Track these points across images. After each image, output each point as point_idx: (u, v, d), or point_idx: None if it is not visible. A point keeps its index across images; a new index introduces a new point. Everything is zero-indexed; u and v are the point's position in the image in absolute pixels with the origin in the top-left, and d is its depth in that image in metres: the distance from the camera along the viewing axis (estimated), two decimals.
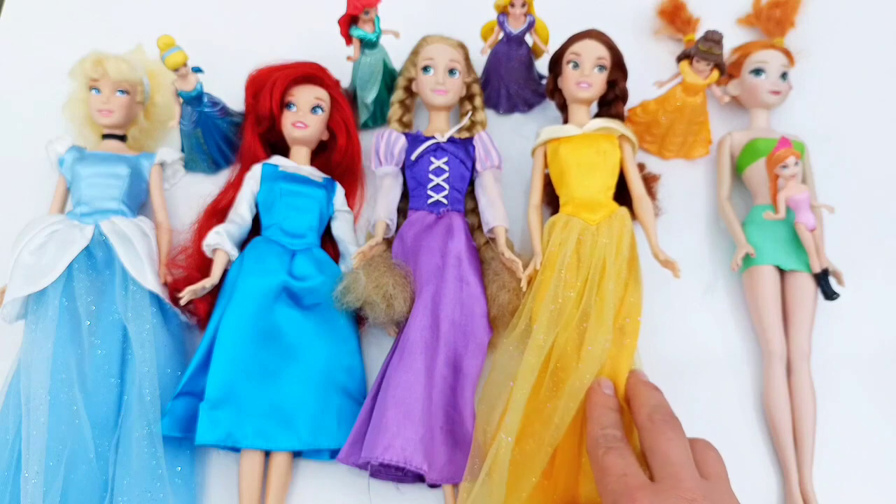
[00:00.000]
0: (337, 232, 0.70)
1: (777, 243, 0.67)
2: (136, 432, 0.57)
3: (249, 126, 0.71)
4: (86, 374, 0.59)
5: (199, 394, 0.59)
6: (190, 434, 0.58)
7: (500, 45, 0.74)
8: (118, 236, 0.64)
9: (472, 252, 0.66)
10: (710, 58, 0.68)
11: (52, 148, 0.69)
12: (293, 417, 0.59)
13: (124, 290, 0.63)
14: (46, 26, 0.87)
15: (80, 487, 0.56)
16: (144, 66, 0.72)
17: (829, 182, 0.73)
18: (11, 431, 0.58)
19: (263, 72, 0.70)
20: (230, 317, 0.60)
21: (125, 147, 0.72)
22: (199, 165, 0.75)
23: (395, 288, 0.61)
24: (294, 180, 0.68)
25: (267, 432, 0.58)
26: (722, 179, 0.74)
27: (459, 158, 0.69)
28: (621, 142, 0.69)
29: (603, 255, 0.62)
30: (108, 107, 0.69)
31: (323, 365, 0.61)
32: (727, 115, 0.80)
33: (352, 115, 0.73)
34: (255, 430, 0.58)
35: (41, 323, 0.60)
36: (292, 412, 0.59)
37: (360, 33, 0.69)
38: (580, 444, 0.58)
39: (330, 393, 0.60)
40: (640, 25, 0.86)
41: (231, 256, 0.64)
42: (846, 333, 0.69)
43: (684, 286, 0.66)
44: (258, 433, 0.58)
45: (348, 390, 0.62)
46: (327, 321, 0.63)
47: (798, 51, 0.80)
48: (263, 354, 0.60)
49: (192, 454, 0.61)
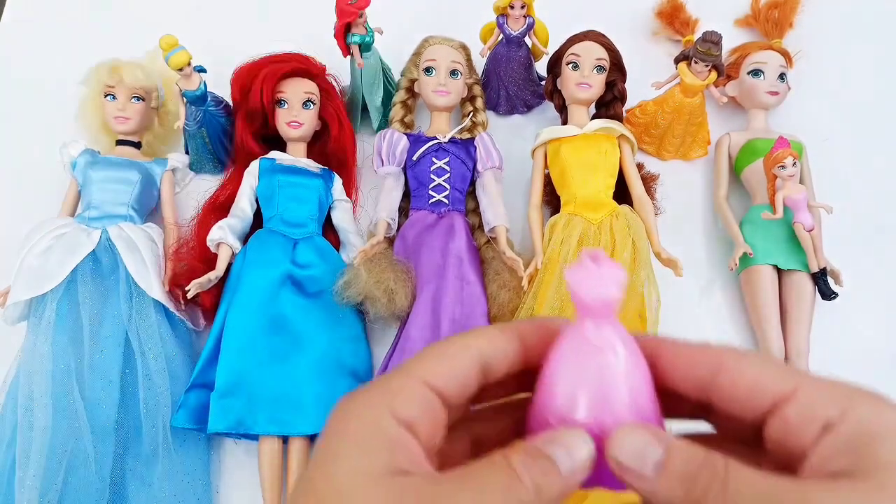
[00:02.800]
0: (337, 220, 0.71)
1: (775, 243, 0.68)
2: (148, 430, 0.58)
3: (241, 123, 0.71)
4: (86, 377, 0.60)
5: (211, 385, 0.60)
6: (203, 425, 0.59)
7: (500, 46, 0.74)
8: (125, 243, 0.65)
9: (472, 251, 0.66)
10: (708, 59, 0.68)
11: (66, 151, 0.70)
12: (304, 402, 0.60)
13: (128, 297, 0.63)
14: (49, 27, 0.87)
15: (78, 490, 0.56)
16: (159, 72, 0.73)
17: (827, 182, 0.74)
18: (9, 433, 0.59)
19: (248, 67, 0.70)
20: (237, 307, 0.61)
21: (138, 153, 0.73)
22: (205, 166, 0.75)
23: (397, 283, 0.62)
24: (292, 172, 0.69)
25: (279, 418, 0.59)
26: (720, 180, 0.74)
27: (461, 159, 0.70)
28: (620, 142, 0.69)
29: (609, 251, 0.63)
30: (125, 114, 0.70)
31: (330, 349, 0.62)
32: (725, 116, 0.80)
33: (343, 105, 0.74)
34: (266, 416, 0.59)
35: (43, 326, 0.61)
36: (302, 397, 0.60)
37: (359, 38, 0.69)
38: None
39: (338, 376, 0.62)
40: (639, 26, 0.87)
41: (234, 249, 0.65)
42: (844, 333, 0.69)
43: (682, 286, 0.67)
44: (270, 419, 0.59)
45: (356, 372, 0.63)
46: (332, 307, 0.64)
47: (796, 52, 0.81)
48: (271, 342, 0.61)
49: (207, 446, 0.62)
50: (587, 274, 0.23)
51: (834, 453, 0.21)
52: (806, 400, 0.22)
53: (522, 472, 0.22)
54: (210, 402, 0.58)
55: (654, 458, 0.22)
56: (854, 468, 0.21)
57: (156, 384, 0.60)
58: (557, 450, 0.23)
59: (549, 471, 0.22)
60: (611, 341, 0.24)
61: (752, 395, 0.23)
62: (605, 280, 0.23)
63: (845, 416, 0.22)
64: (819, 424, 0.22)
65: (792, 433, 0.22)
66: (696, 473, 0.22)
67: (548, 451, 0.23)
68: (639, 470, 0.22)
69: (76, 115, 0.73)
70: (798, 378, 0.23)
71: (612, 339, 0.24)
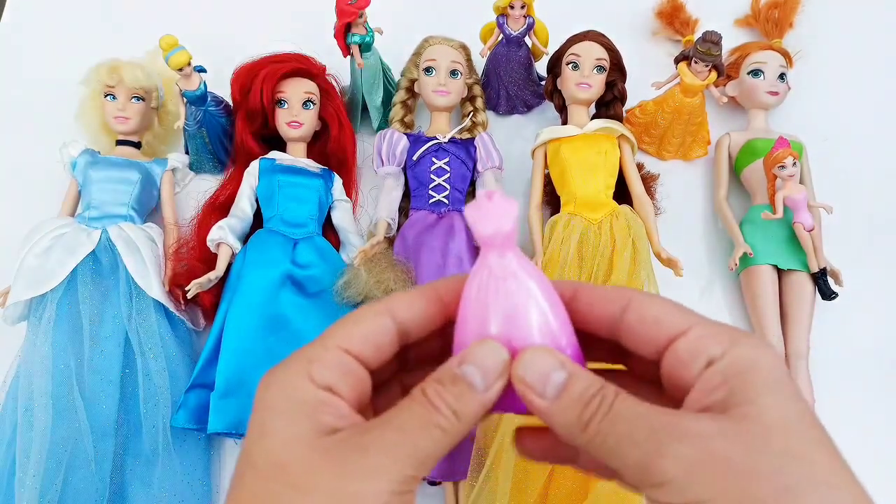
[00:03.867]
0: (337, 220, 0.71)
1: (775, 243, 0.68)
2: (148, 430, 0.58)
3: (240, 122, 0.71)
4: (86, 377, 0.60)
5: (211, 385, 0.60)
6: (203, 425, 0.59)
7: (500, 46, 0.74)
8: (125, 243, 0.65)
9: (472, 251, 0.66)
10: (708, 59, 0.68)
11: (66, 151, 0.70)
12: None
13: (128, 297, 0.63)
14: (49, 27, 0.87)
15: (78, 490, 0.57)
16: (158, 72, 0.73)
17: (827, 182, 0.74)
18: (9, 433, 0.59)
19: (248, 67, 0.70)
20: (237, 307, 0.61)
21: (139, 153, 0.73)
22: (206, 166, 0.75)
23: (397, 283, 0.62)
24: (291, 172, 0.69)
25: None
26: (720, 179, 0.74)
27: (461, 159, 0.70)
28: (620, 142, 0.69)
29: (609, 251, 0.63)
30: (125, 114, 0.70)
31: None
32: (725, 116, 0.80)
33: (342, 105, 0.74)
34: None
35: (43, 326, 0.61)
36: None
37: (359, 38, 0.69)
38: None
39: None
40: (639, 27, 0.87)
41: (234, 249, 0.65)
42: (844, 333, 0.69)
43: (682, 286, 0.67)
44: None
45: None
46: (332, 307, 0.64)
47: (796, 52, 0.81)
48: (271, 342, 0.61)
49: (207, 446, 0.62)
50: (483, 210, 0.24)
51: (711, 387, 0.23)
52: (695, 337, 0.24)
53: (437, 401, 0.24)
54: (210, 402, 0.58)
55: (557, 381, 0.24)
56: (725, 402, 0.23)
57: (156, 384, 0.60)
58: (468, 368, 0.24)
59: (463, 393, 0.24)
60: (511, 269, 0.25)
61: (651, 331, 0.25)
62: (499, 214, 0.24)
63: (726, 354, 0.24)
64: (703, 360, 0.24)
65: (680, 368, 0.24)
66: (590, 399, 0.24)
67: (460, 372, 0.24)
68: (540, 389, 0.24)
69: (76, 115, 0.73)
70: (693, 319, 0.25)
71: (512, 267, 0.25)
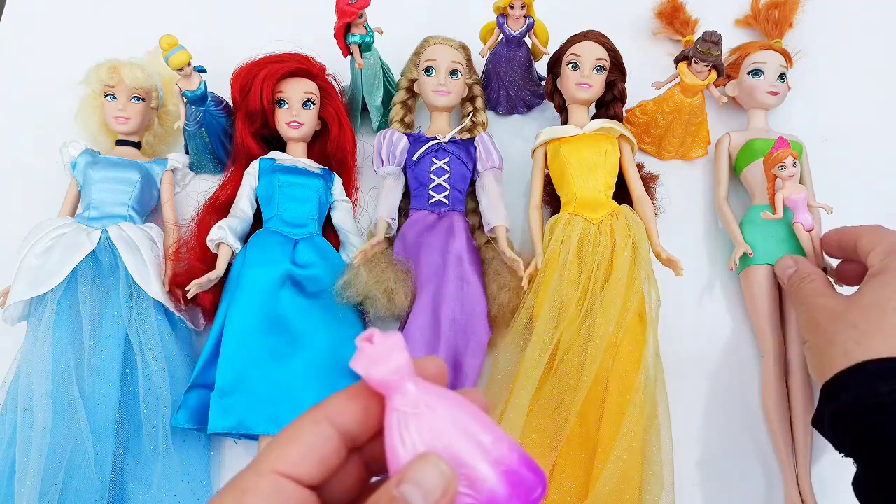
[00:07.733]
0: (337, 221, 0.71)
1: (775, 243, 0.68)
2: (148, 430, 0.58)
3: (240, 123, 0.71)
4: (86, 377, 0.60)
5: (211, 385, 0.60)
6: (203, 425, 0.59)
7: (500, 46, 0.74)
8: (125, 243, 0.65)
9: (472, 251, 0.66)
10: (708, 59, 0.68)
11: (66, 151, 0.70)
12: (304, 402, 0.60)
13: (128, 297, 0.63)
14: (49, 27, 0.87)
15: (78, 490, 0.57)
16: (158, 71, 0.73)
17: (827, 182, 0.74)
18: (9, 433, 0.59)
19: (248, 67, 0.70)
20: (237, 307, 0.61)
21: (139, 153, 0.73)
22: (206, 166, 0.75)
23: (397, 283, 0.62)
24: (291, 172, 0.69)
25: (279, 418, 0.59)
26: (720, 180, 0.74)
27: (461, 159, 0.70)
28: (620, 142, 0.69)
29: (609, 251, 0.63)
30: (125, 114, 0.70)
31: (330, 349, 0.62)
32: (725, 116, 0.80)
33: (342, 105, 0.74)
34: (267, 416, 0.59)
35: (43, 326, 0.61)
36: (302, 397, 0.60)
37: (359, 39, 0.69)
38: (589, 443, 0.58)
39: (338, 376, 0.62)
40: (639, 27, 0.87)
41: (234, 249, 0.65)
42: None
43: (682, 286, 0.67)
44: (270, 419, 0.59)
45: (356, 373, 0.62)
46: (332, 307, 0.64)
47: (796, 52, 0.81)
48: (271, 342, 0.61)
49: (207, 446, 0.62)
50: (367, 355, 0.24)
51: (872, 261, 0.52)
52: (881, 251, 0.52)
53: None
54: (210, 402, 0.58)
55: None
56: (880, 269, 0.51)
57: (156, 384, 0.60)
58: (407, 488, 0.23)
59: None
60: (418, 400, 0.25)
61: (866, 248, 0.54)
62: (385, 353, 0.24)
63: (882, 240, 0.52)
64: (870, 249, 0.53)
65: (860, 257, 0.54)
66: None
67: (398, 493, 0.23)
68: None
69: (76, 115, 0.73)
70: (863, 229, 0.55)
71: (418, 397, 0.25)
